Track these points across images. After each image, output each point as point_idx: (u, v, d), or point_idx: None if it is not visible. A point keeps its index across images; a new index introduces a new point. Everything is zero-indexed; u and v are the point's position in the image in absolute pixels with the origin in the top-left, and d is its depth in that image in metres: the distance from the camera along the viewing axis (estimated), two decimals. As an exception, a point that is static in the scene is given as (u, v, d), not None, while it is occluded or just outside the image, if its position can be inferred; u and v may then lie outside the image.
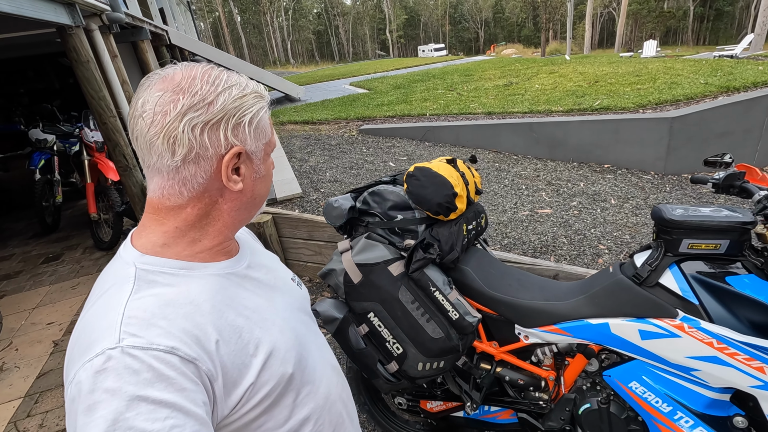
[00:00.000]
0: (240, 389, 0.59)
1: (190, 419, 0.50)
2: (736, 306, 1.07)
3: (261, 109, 0.64)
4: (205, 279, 0.63)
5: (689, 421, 1.13)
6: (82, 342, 0.53)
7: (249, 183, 0.65)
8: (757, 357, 1.01)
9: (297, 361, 0.68)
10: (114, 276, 0.61)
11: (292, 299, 0.78)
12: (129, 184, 3.69)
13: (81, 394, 0.48)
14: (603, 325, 1.25)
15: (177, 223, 0.62)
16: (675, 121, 3.93)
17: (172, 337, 0.53)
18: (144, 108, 0.57)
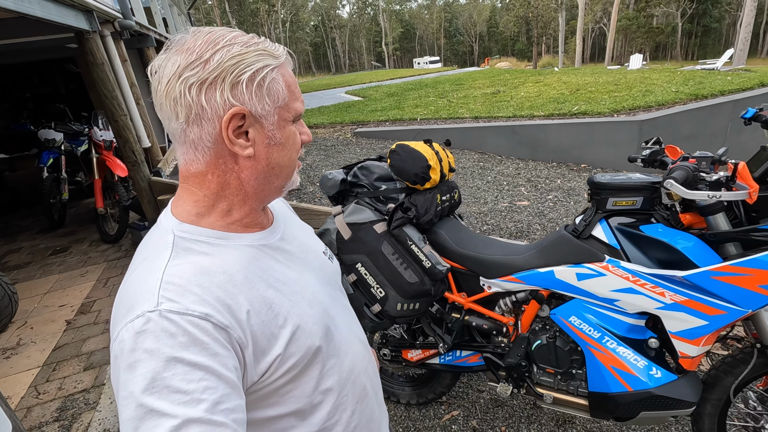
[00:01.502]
0: (269, 358, 0.60)
1: (222, 382, 0.51)
2: (646, 247, 1.35)
3: (266, 66, 0.59)
4: (239, 250, 0.64)
5: (613, 343, 1.40)
6: (125, 304, 0.56)
7: (261, 149, 0.62)
8: (659, 284, 1.28)
9: (324, 334, 0.68)
10: (154, 242, 0.62)
11: (322, 272, 0.78)
12: (137, 178, 3.95)
13: (123, 353, 0.51)
14: (549, 272, 1.52)
15: (204, 191, 0.63)
16: (644, 124, 4.26)
17: (206, 305, 0.54)
18: (152, 73, 0.59)
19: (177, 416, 0.47)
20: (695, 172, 1.19)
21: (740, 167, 1.11)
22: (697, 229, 1.35)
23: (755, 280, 1.15)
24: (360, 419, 0.77)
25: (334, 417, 0.71)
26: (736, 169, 1.14)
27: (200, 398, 0.49)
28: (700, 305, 1.23)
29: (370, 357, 0.84)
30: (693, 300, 1.24)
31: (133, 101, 4.46)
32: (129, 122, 3.81)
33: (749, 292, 1.16)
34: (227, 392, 0.51)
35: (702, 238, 1.28)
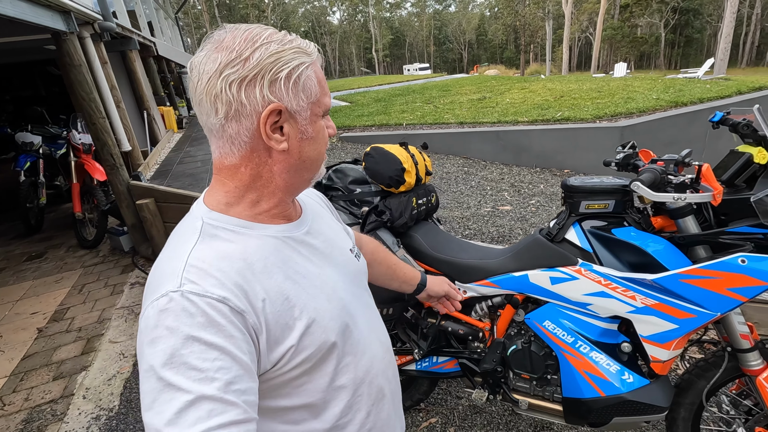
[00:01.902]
0: (282, 348, 0.61)
1: (236, 364, 0.53)
2: (618, 250, 1.34)
3: (302, 64, 0.61)
4: (262, 239, 0.65)
5: (586, 348, 1.39)
6: (153, 283, 0.59)
7: (295, 144, 0.64)
8: (630, 288, 1.28)
9: (341, 331, 0.69)
10: (185, 228, 0.66)
11: (345, 270, 0.78)
12: (116, 182, 3.86)
13: (147, 328, 0.54)
14: (523, 276, 1.51)
15: (236, 183, 0.65)
16: (625, 130, 4.31)
17: (225, 289, 0.56)
18: (192, 69, 0.61)
19: (191, 392, 0.49)
20: (663, 174, 1.19)
21: (704, 169, 1.11)
22: (668, 232, 1.35)
23: (723, 282, 1.15)
24: (375, 422, 0.77)
25: (348, 416, 0.72)
26: (700, 171, 1.14)
27: (214, 377, 0.51)
28: (670, 308, 1.22)
29: (391, 360, 0.84)
30: (663, 303, 1.23)
31: (113, 104, 4.39)
32: (107, 125, 3.74)
33: (717, 295, 1.16)
34: (240, 374, 0.53)
35: (672, 241, 1.28)
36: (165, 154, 5.82)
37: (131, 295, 3.43)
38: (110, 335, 2.94)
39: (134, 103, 6.15)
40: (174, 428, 0.48)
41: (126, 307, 3.26)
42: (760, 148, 1.21)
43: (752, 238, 1.18)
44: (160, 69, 9.36)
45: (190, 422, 0.48)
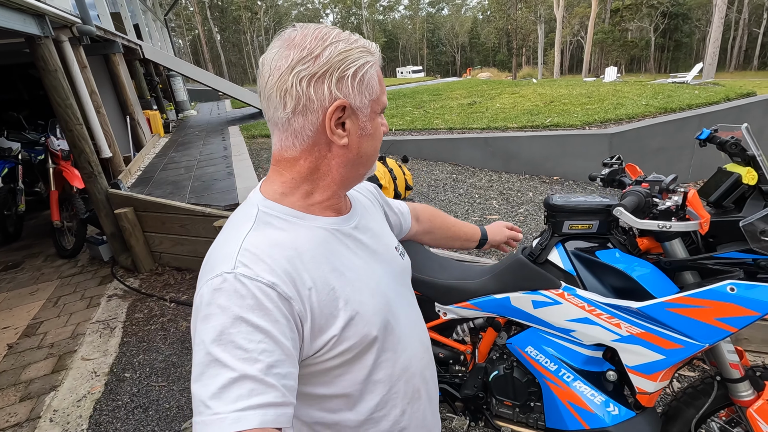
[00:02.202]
0: (324, 337, 0.63)
1: (279, 348, 0.56)
2: (602, 274, 1.28)
3: (367, 63, 0.64)
4: (312, 230, 0.68)
5: (570, 376, 1.32)
6: (209, 263, 0.63)
7: (354, 139, 0.66)
8: (615, 315, 1.21)
9: (383, 327, 0.70)
10: (242, 214, 0.69)
11: (390, 267, 0.79)
12: (94, 191, 3.75)
13: (202, 305, 0.58)
14: (505, 299, 1.44)
15: (293, 174, 0.68)
16: (614, 137, 4.28)
17: (274, 275, 0.59)
18: (263, 65, 0.63)
19: (236, 370, 0.52)
20: (647, 197, 1.12)
21: (690, 196, 1.05)
22: (655, 254, 1.29)
23: (711, 312, 1.08)
24: (410, 421, 0.78)
25: (383, 410, 0.73)
26: (686, 198, 1.07)
27: (257, 358, 0.53)
28: (656, 338, 1.16)
29: (430, 361, 0.85)
30: (649, 332, 1.16)
31: (92, 109, 4.27)
32: (84, 132, 3.62)
33: (706, 326, 1.09)
34: (282, 358, 0.56)
35: (658, 266, 1.21)
36: (149, 159, 5.69)
37: (108, 308, 3.32)
38: (83, 351, 2.82)
39: (117, 107, 6.02)
40: (217, 402, 0.51)
41: (102, 321, 3.15)
42: (749, 168, 1.15)
43: (742, 263, 1.11)
44: (147, 72, 9.22)
45: (232, 398, 0.51)
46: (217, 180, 4.27)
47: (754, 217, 1.05)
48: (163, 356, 2.68)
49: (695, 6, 42.58)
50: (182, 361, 2.61)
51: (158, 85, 9.61)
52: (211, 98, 15.28)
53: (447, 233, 1.24)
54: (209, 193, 3.90)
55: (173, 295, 3.36)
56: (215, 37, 52.59)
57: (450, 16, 72.12)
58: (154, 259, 3.85)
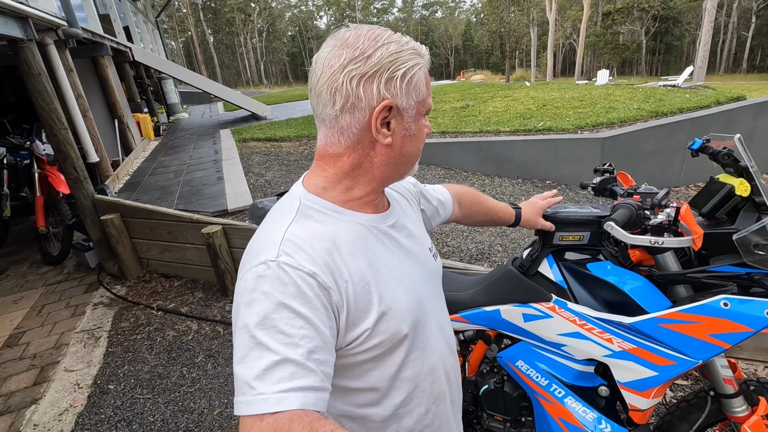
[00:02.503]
0: (358, 330, 0.65)
1: (318, 335, 0.58)
2: (593, 287, 1.25)
3: (416, 65, 0.66)
4: (351, 225, 0.70)
5: (561, 392, 1.28)
6: (253, 250, 0.65)
7: (398, 139, 0.68)
8: (607, 330, 1.18)
9: (413, 325, 0.72)
10: (284, 205, 0.71)
11: (423, 267, 0.81)
12: (80, 196, 3.68)
13: (245, 290, 0.59)
14: (495, 311, 1.40)
15: (335, 170, 0.70)
16: (606, 141, 4.28)
17: (315, 264, 0.61)
18: (316, 63, 0.66)
19: (278, 353, 0.54)
20: (639, 210, 1.09)
21: (683, 211, 1.02)
22: (647, 265, 1.26)
23: (705, 328, 1.05)
24: (433, 421, 0.79)
25: (408, 406, 0.75)
26: (679, 212, 1.04)
27: (298, 343, 0.55)
28: (648, 354, 1.13)
29: (455, 364, 0.86)
30: (641, 348, 1.13)
31: (79, 113, 4.20)
32: (70, 137, 3.55)
33: (699, 342, 1.06)
34: (321, 345, 0.57)
35: (650, 279, 1.19)
36: (138, 163, 5.61)
37: (93, 317, 3.24)
38: (66, 363, 2.75)
39: (106, 110, 5.93)
40: (260, 383, 0.53)
41: (86, 331, 3.08)
42: (741, 179, 1.12)
43: (735, 277, 1.09)
44: (137, 74, 9.13)
45: (274, 380, 0.53)
46: (206, 185, 4.21)
47: (748, 231, 1.02)
48: (149, 367, 2.61)
49: (685, 10, 43.06)
50: (168, 372, 2.55)
51: (149, 88, 9.51)
52: (204, 100, 15.17)
53: (485, 217, 1.25)
54: (198, 198, 3.84)
55: (160, 303, 3.30)
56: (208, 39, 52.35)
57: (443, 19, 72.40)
58: (142, 266, 3.78)
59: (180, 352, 2.72)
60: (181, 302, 3.29)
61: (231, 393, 2.34)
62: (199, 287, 3.46)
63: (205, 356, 2.66)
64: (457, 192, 1.17)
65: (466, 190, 1.21)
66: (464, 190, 1.21)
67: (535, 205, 1.28)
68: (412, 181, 0.97)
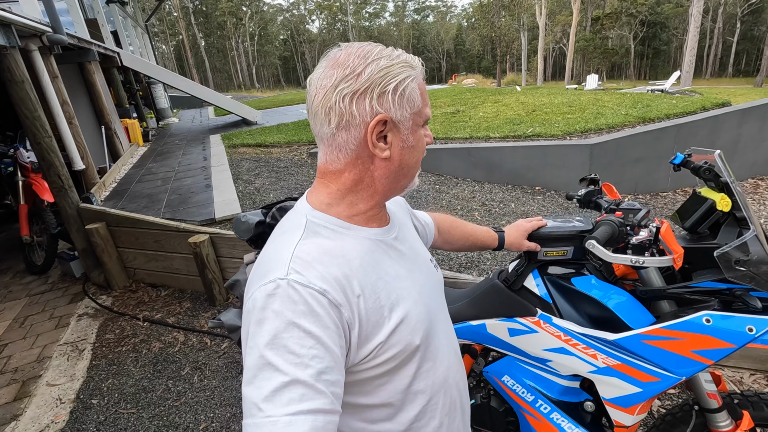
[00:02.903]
0: (371, 344, 0.64)
1: (329, 355, 0.57)
2: (578, 302, 1.24)
3: (408, 77, 0.66)
4: (358, 240, 0.70)
5: (547, 408, 1.28)
6: (261, 269, 0.64)
7: (396, 151, 0.68)
8: (591, 345, 1.17)
9: (425, 336, 0.72)
10: (291, 222, 0.71)
11: (428, 278, 0.82)
12: (64, 205, 3.62)
13: (255, 309, 0.59)
14: (481, 326, 1.39)
15: (338, 186, 0.70)
16: (594, 148, 4.31)
17: (325, 282, 0.61)
18: (310, 84, 0.67)
19: (288, 374, 0.53)
20: (621, 227, 1.09)
21: (663, 230, 1.02)
22: (632, 279, 1.26)
23: (688, 344, 1.05)
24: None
25: (422, 421, 0.74)
26: (659, 231, 1.04)
27: (308, 364, 0.54)
28: (633, 370, 1.12)
29: (463, 374, 0.86)
30: (625, 365, 1.13)
31: (64, 121, 4.14)
32: (54, 144, 3.49)
33: (682, 358, 1.06)
34: (331, 365, 0.57)
35: (634, 293, 1.18)
36: (125, 170, 5.54)
37: (77, 329, 3.18)
38: (49, 377, 2.69)
39: (93, 117, 5.86)
40: (269, 405, 0.52)
41: (70, 343, 3.02)
42: (722, 194, 1.13)
43: (717, 292, 1.09)
44: (126, 80, 9.04)
45: (283, 402, 0.52)
46: (194, 193, 4.16)
47: (729, 247, 1.02)
48: (134, 380, 2.56)
49: (672, 15, 43.76)
50: (153, 385, 2.51)
51: (138, 93, 9.42)
52: (194, 105, 15.07)
53: (465, 242, 1.26)
54: (185, 206, 3.80)
55: (147, 314, 3.25)
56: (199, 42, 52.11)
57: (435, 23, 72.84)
58: (128, 276, 3.73)
59: (166, 365, 2.68)
60: (168, 312, 3.24)
61: (217, 406, 2.30)
62: (187, 297, 3.41)
63: (192, 368, 2.62)
64: (435, 218, 1.18)
65: (443, 216, 1.22)
66: (442, 216, 1.22)
67: (520, 227, 1.28)
68: (401, 200, 0.97)
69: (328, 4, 61.21)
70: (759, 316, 1.02)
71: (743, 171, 5.27)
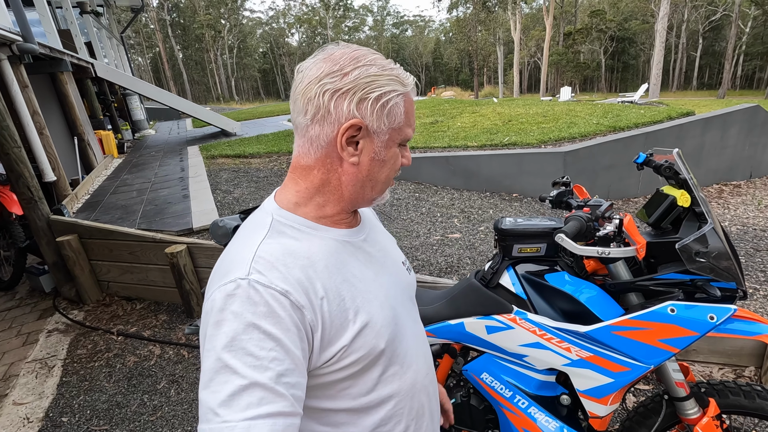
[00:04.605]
0: (334, 347, 0.63)
1: (289, 357, 0.56)
2: (552, 298, 1.28)
3: (393, 91, 0.65)
4: (325, 241, 0.69)
5: (525, 403, 1.30)
6: (222, 269, 0.63)
7: (365, 160, 0.67)
8: (565, 339, 1.21)
9: (390, 339, 0.70)
10: (256, 221, 0.70)
11: (398, 280, 0.80)
12: (33, 217, 3.50)
13: (213, 310, 0.57)
14: (459, 325, 1.41)
15: (307, 184, 0.69)
16: (568, 155, 4.44)
17: (288, 283, 0.60)
18: (298, 71, 0.66)
19: (246, 377, 0.52)
20: (589, 222, 1.14)
21: (626, 222, 1.07)
22: (602, 275, 1.31)
23: (654, 334, 1.10)
24: None
25: (387, 425, 0.73)
26: (622, 224, 1.09)
27: (268, 366, 0.53)
28: (604, 361, 1.16)
29: (433, 379, 0.85)
30: (597, 356, 1.17)
31: (34, 131, 4.03)
32: (23, 155, 3.39)
33: (650, 347, 1.11)
34: (292, 367, 0.56)
35: (604, 288, 1.23)
36: (99, 182, 5.41)
37: (47, 345, 3.06)
38: (15, 395, 2.57)
39: (65, 127, 5.72)
40: (226, 410, 0.51)
41: (39, 360, 2.90)
42: (682, 191, 1.19)
43: (681, 284, 1.14)
44: (100, 91, 8.87)
45: (241, 407, 0.51)
46: (170, 203, 4.09)
47: (689, 240, 1.08)
48: (107, 396, 2.48)
49: (639, 31, 45.77)
50: (127, 400, 2.43)
51: (113, 104, 9.25)
52: (172, 117, 14.86)
53: None
54: (162, 217, 3.73)
55: (121, 328, 3.15)
56: (177, 55, 51.60)
57: (414, 37, 74.15)
58: (101, 289, 3.62)
59: (141, 379, 2.60)
60: (144, 326, 3.15)
61: (195, 420, 2.24)
62: (163, 309, 3.33)
63: (168, 382, 2.55)
64: None
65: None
66: None
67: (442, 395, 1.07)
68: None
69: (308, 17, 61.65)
70: (720, 305, 1.08)
71: (708, 177, 5.51)
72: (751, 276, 2.90)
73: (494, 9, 38.62)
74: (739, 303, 2.68)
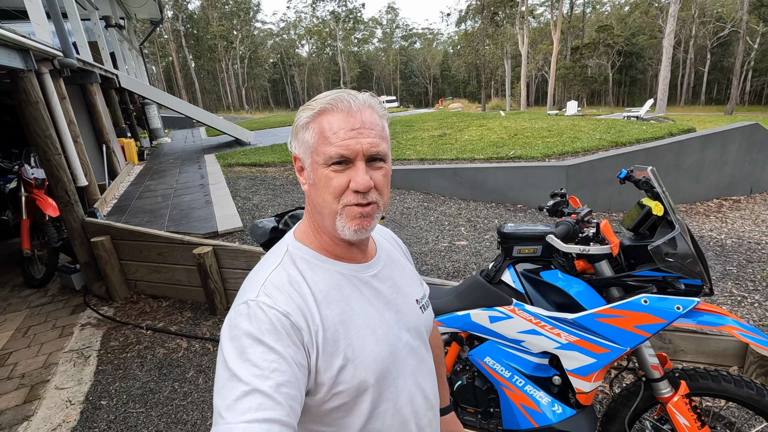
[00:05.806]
0: (327, 374, 0.69)
1: (289, 370, 0.62)
2: (546, 291, 1.50)
3: (301, 118, 0.73)
4: (330, 274, 0.75)
5: (522, 382, 1.51)
6: (241, 292, 0.72)
7: (309, 188, 0.74)
8: (556, 326, 1.42)
9: (381, 376, 0.73)
10: (275, 250, 0.78)
11: (406, 318, 0.82)
12: (69, 219, 3.77)
13: (229, 327, 0.66)
14: (466, 315, 1.63)
15: (307, 214, 0.78)
16: (570, 169, 4.66)
17: (290, 306, 0.67)
18: None
19: (249, 384, 0.59)
20: (575, 226, 1.36)
21: (602, 225, 1.29)
22: (589, 274, 1.52)
23: (630, 321, 1.31)
24: None
25: None
26: (599, 227, 1.31)
27: (269, 376, 0.60)
28: (589, 344, 1.37)
29: (432, 420, 0.84)
30: (583, 340, 1.38)
31: (70, 139, 4.33)
32: (63, 161, 3.68)
33: (626, 332, 1.32)
34: (290, 380, 0.62)
35: (590, 283, 1.44)
36: (124, 188, 5.70)
37: (81, 337, 3.30)
38: (57, 381, 2.81)
39: (93, 136, 6.05)
40: (230, 413, 0.57)
41: (75, 350, 3.14)
42: (656, 202, 1.41)
43: (654, 280, 1.35)
44: (122, 100, 9.25)
45: (242, 410, 0.57)
46: (195, 208, 4.36)
47: (659, 242, 1.30)
48: (140, 383, 2.70)
49: (647, 46, 46.07)
50: (160, 387, 2.65)
51: (132, 113, 9.63)
52: (185, 125, 15.29)
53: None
54: (188, 221, 3.99)
55: (149, 323, 3.39)
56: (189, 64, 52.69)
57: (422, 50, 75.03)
58: (129, 287, 3.87)
59: (171, 369, 2.82)
60: (170, 321, 3.39)
61: (222, 405, 2.45)
62: (188, 307, 3.56)
63: (196, 371, 2.77)
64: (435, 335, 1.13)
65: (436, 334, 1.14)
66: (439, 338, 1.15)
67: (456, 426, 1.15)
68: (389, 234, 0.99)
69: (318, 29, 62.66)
70: (686, 298, 1.29)
71: (708, 191, 5.68)
72: (741, 285, 3.08)
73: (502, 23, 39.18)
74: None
